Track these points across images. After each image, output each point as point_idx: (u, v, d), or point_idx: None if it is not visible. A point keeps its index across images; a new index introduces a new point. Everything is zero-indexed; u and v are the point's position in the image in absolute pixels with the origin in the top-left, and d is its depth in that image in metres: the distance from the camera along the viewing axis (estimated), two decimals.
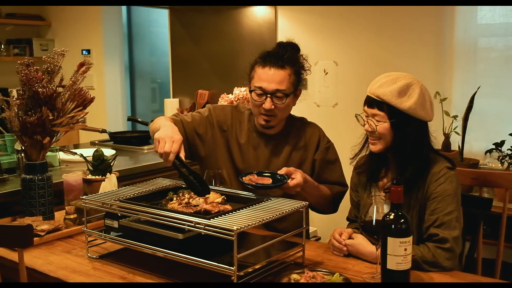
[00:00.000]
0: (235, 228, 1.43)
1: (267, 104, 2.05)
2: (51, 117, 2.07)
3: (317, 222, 3.74)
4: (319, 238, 3.59)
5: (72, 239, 2.01)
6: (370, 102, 1.82)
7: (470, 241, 2.04)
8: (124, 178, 2.75)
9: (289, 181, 1.92)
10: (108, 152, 3.12)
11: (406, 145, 1.79)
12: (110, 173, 2.37)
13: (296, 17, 3.74)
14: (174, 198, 1.79)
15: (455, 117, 2.92)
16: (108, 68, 5.00)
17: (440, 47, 3.17)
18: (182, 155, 1.86)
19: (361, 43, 3.45)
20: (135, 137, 3.66)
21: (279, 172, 1.95)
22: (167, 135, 1.85)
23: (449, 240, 1.69)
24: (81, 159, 2.86)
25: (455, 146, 3.00)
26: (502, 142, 2.77)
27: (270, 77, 2.05)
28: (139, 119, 3.98)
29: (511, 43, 3.02)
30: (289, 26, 3.78)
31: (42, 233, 1.95)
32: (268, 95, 2.05)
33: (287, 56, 2.09)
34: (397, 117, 1.77)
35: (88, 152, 3.12)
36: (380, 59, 3.38)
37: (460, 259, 1.99)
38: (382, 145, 1.82)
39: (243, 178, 1.92)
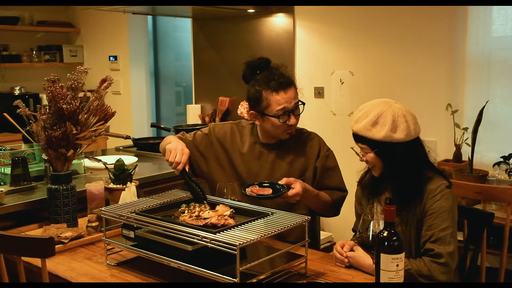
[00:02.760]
0: (237, 243, 1.55)
1: (293, 120, 2.22)
2: (74, 132, 2.22)
3: (333, 227, 3.84)
4: (334, 243, 3.67)
5: (93, 245, 2.15)
6: (354, 137, 1.96)
7: (473, 250, 2.12)
8: (145, 185, 2.90)
9: (288, 191, 2.06)
10: (130, 159, 3.27)
11: (397, 167, 1.89)
12: (131, 181, 2.51)
13: (313, 28, 3.83)
14: (186, 211, 1.92)
15: (465, 129, 2.97)
16: (134, 73, 5.17)
17: (452, 59, 3.23)
18: (188, 167, 2.15)
19: (376, 55, 3.53)
20: (157, 143, 3.79)
21: (279, 182, 2.08)
22: (178, 148, 2.14)
23: (444, 255, 1.77)
24: (103, 165, 3.03)
25: (466, 157, 3.05)
26: (510, 155, 2.82)
27: (288, 98, 2.20)
28: (162, 126, 4.12)
29: None
30: (306, 36, 3.87)
31: (66, 241, 2.10)
32: (291, 112, 2.20)
33: (286, 74, 2.26)
34: (378, 146, 1.87)
35: (112, 159, 3.28)
36: (394, 70, 3.45)
37: (462, 270, 2.07)
38: (378, 170, 1.95)
39: (246, 189, 2.07)
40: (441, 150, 3.16)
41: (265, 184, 2.10)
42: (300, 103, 2.24)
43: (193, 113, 4.49)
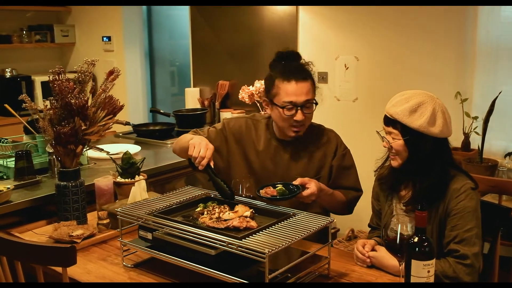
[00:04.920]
0: (266, 251, 1.51)
1: (299, 116, 2.13)
2: (83, 127, 2.15)
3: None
4: (338, 230, 3.68)
5: (106, 244, 2.11)
6: (386, 120, 1.89)
7: (490, 242, 2.11)
8: (151, 176, 2.84)
9: (303, 191, 2.01)
10: (133, 148, 3.20)
11: (421, 160, 1.85)
12: (138, 175, 2.46)
13: (317, 11, 3.75)
14: (205, 212, 1.87)
15: (475, 118, 2.95)
16: (129, 55, 5.05)
17: (462, 47, 3.17)
18: (212, 163, 2.04)
19: (383, 40, 3.46)
20: (157, 130, 3.74)
21: (294, 182, 2.04)
22: (201, 143, 2.05)
23: (470, 257, 1.75)
24: (108, 155, 2.97)
25: (474, 145, 3.04)
26: None
27: (298, 90, 2.12)
28: (161, 111, 4.05)
29: None
30: (310, 20, 3.78)
31: (79, 240, 2.05)
32: (299, 108, 2.12)
33: (305, 68, 2.19)
34: (409, 134, 1.83)
35: (114, 147, 3.23)
36: (401, 57, 3.40)
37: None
38: (400, 160, 1.89)
39: (260, 191, 2.02)
40: (449, 138, 3.13)
41: (278, 185, 2.05)
42: (309, 103, 2.15)
43: (192, 97, 4.40)
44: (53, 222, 2.23)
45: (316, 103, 2.18)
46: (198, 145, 2.03)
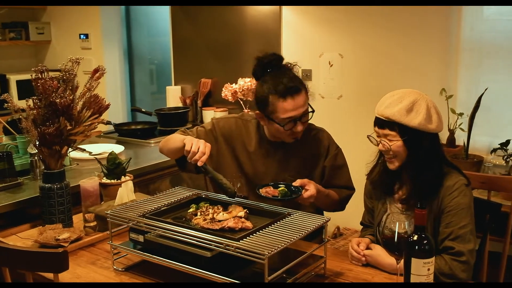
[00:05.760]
0: (266, 252, 1.48)
1: (299, 127, 2.10)
2: (69, 127, 2.09)
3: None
4: None
5: (94, 247, 2.05)
6: (380, 123, 1.86)
7: (481, 238, 2.12)
8: (135, 176, 2.77)
9: (302, 192, 2.00)
10: (116, 148, 3.13)
11: (421, 159, 1.84)
12: (125, 175, 2.40)
13: (301, 8, 3.72)
14: (198, 213, 1.83)
15: (460, 114, 2.96)
16: (108, 53, 4.94)
17: (446, 43, 3.19)
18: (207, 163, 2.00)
19: (367, 37, 3.46)
20: (139, 129, 3.67)
21: (293, 184, 2.02)
22: (199, 140, 2.01)
23: (465, 253, 1.75)
24: (91, 156, 2.90)
25: (459, 141, 3.06)
26: (508, 142, 2.82)
27: (296, 105, 2.07)
28: (142, 109, 3.98)
29: None
30: (293, 17, 3.76)
31: (66, 244, 1.99)
32: (298, 120, 2.09)
33: (298, 78, 2.13)
34: (408, 134, 1.81)
35: (96, 148, 3.16)
36: (385, 53, 3.40)
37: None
38: (399, 162, 1.87)
39: (260, 190, 1.99)
40: None
41: (280, 185, 2.03)
42: (310, 109, 2.12)
43: (173, 95, 4.34)
44: (37, 226, 2.16)
45: (313, 111, 2.13)
46: (197, 142, 1.98)
